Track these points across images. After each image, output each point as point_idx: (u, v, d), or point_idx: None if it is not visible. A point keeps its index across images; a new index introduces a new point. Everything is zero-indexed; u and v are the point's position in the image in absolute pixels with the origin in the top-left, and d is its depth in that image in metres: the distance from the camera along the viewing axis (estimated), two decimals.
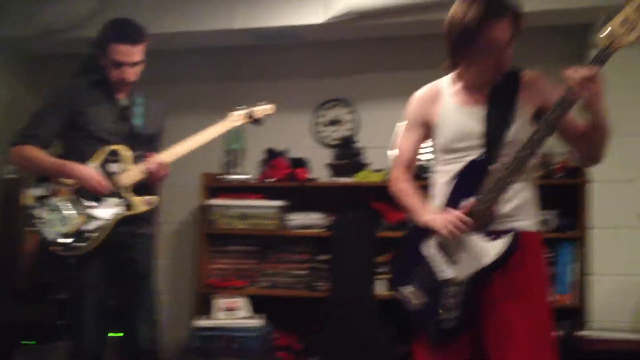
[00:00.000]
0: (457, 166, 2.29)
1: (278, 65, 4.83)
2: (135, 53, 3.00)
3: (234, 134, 4.46)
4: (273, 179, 4.49)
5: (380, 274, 4.20)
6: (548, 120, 2.12)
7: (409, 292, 2.33)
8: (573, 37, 4.21)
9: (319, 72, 4.77)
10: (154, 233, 3.25)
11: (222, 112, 4.62)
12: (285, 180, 4.45)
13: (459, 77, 2.38)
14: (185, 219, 4.84)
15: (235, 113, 3.31)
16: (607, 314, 3.91)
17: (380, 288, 4.18)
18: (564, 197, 4.02)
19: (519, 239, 2.20)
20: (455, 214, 2.21)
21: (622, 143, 3.86)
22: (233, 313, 4.26)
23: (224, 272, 4.51)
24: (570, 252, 3.98)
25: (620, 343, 3.61)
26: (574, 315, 3.91)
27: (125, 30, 3.01)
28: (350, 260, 4.23)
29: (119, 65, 2.99)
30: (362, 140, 4.59)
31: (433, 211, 2.32)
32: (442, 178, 2.35)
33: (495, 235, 2.21)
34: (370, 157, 4.51)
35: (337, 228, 4.32)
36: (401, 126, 4.33)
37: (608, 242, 3.94)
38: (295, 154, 4.59)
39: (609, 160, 2.29)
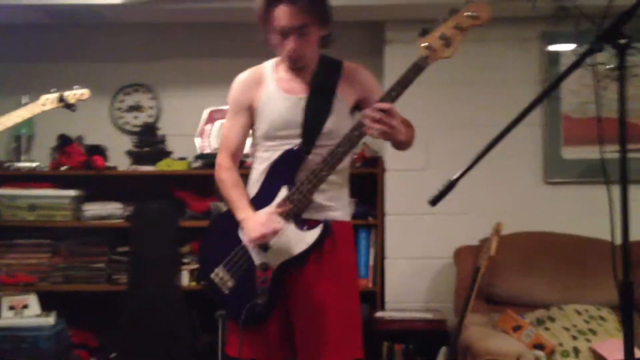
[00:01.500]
0: (276, 154, 2.32)
1: (75, 46, 4.52)
2: None
3: None
4: (66, 167, 4.21)
5: (185, 264, 4.12)
6: (351, 136, 2.19)
7: (219, 278, 2.34)
8: (371, 33, 4.38)
9: (119, 55, 4.54)
10: None
11: (13, 94, 4.30)
12: (80, 169, 4.20)
13: (281, 63, 2.40)
14: None
15: (45, 96, 3.03)
16: (402, 295, 4.16)
17: (185, 279, 4.10)
18: (362, 185, 4.19)
19: (331, 228, 2.27)
20: (267, 221, 2.22)
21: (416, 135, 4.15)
22: (22, 311, 3.95)
23: (10, 268, 4.16)
24: (368, 238, 4.16)
25: (414, 322, 3.84)
26: (373, 297, 4.09)
27: None
28: (152, 251, 4.09)
29: None
30: (165, 128, 4.45)
31: (248, 209, 2.32)
32: (261, 165, 2.38)
33: (308, 225, 2.28)
34: (173, 145, 4.39)
35: (137, 218, 4.15)
36: (207, 113, 4.31)
37: (402, 227, 4.18)
38: (91, 140, 4.35)
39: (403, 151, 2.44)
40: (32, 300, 3.99)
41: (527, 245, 3.85)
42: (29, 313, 3.95)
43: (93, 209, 4.20)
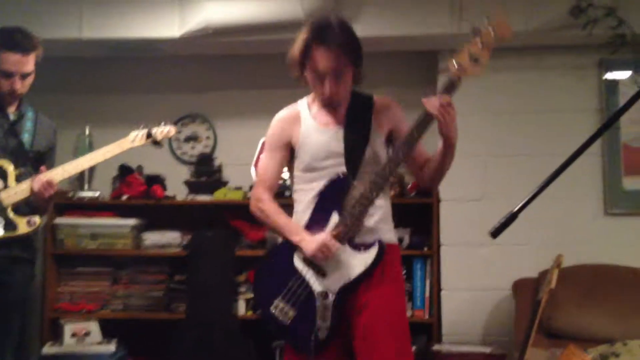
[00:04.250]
0: (320, 183, 2.41)
1: (134, 79, 4.67)
2: (26, 63, 2.82)
3: (83, 149, 4.27)
4: (126, 197, 4.31)
5: (241, 293, 4.15)
6: (409, 138, 2.28)
7: (279, 310, 2.38)
8: (423, 63, 4.39)
9: (176, 87, 4.66)
10: (34, 258, 3.01)
11: (76, 125, 4.44)
12: (140, 198, 4.29)
13: (315, 99, 2.50)
14: None
15: (134, 133, 3.08)
16: (459, 328, 4.10)
17: (241, 307, 4.13)
18: (417, 215, 4.18)
19: (385, 248, 2.35)
20: (325, 239, 2.31)
21: (468, 164, 4.13)
22: (84, 339, 4.03)
23: (73, 295, 4.27)
24: (424, 268, 4.13)
25: (473, 356, 3.77)
26: (430, 329, 4.06)
27: (16, 38, 2.81)
28: (209, 280, 4.14)
29: (9, 75, 2.79)
30: (221, 158, 4.53)
31: (302, 231, 2.40)
32: (306, 196, 2.45)
33: (362, 247, 2.35)
34: (229, 174, 4.46)
35: (194, 247, 4.21)
36: (262, 143, 4.36)
37: (457, 258, 4.14)
38: (150, 170, 4.44)
39: (457, 180, 2.44)
40: (94, 328, 4.08)
41: (588, 278, 3.76)
42: (91, 340, 4.04)
43: (152, 238, 4.29)
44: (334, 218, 2.35)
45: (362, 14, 3.96)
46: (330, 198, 2.38)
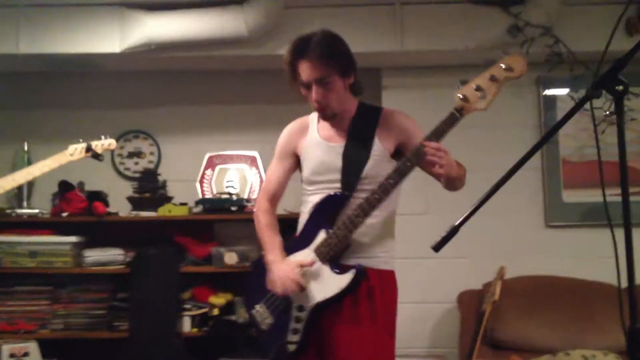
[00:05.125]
0: (317, 197, 2.40)
1: (75, 94, 4.58)
2: None
3: (22, 165, 4.17)
4: (67, 214, 4.22)
5: (186, 310, 4.09)
6: (400, 167, 2.23)
7: (259, 314, 2.43)
8: (367, 79, 4.40)
9: (118, 103, 4.59)
10: None
11: (13, 141, 4.32)
12: (81, 215, 4.20)
13: None
14: None
15: (73, 146, 3.03)
16: (406, 340, 4.11)
17: (186, 324, 4.06)
18: None
19: (365, 274, 2.30)
20: (291, 277, 2.31)
21: (410, 178, 4.16)
22: (22, 359, 3.90)
23: (10, 315, 4.12)
24: None
25: None
26: None
27: None
28: (152, 297, 4.06)
29: None
30: (165, 174, 4.47)
31: (279, 252, 2.42)
32: (306, 208, 2.47)
33: (342, 269, 2.31)
34: (173, 190, 4.41)
35: (138, 264, 4.13)
36: (207, 159, 4.33)
37: (403, 272, 4.14)
38: (91, 186, 4.35)
39: (402, 194, 2.45)
40: (33, 348, 3.94)
41: (530, 289, 3.85)
42: None
43: (94, 255, 4.19)
44: (321, 236, 2.34)
45: (305, 31, 3.98)
46: (323, 214, 2.37)
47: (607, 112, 3.46)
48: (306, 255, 2.36)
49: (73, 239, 4.19)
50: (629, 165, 3.65)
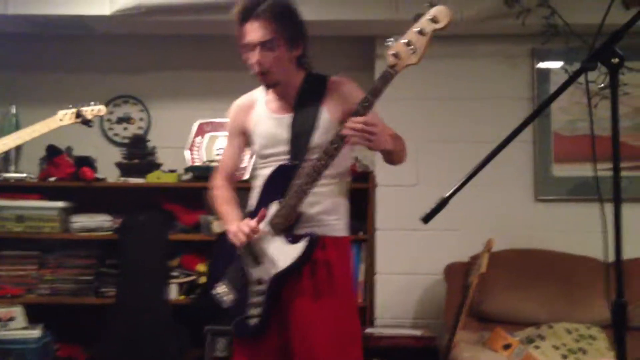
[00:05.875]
0: (268, 170, 2.40)
1: (64, 57, 4.51)
2: None
3: (9, 128, 4.12)
4: (54, 178, 4.18)
5: (174, 277, 4.09)
6: (329, 148, 2.21)
7: (221, 290, 2.41)
8: (361, 48, 4.39)
9: (108, 67, 4.53)
10: None
11: (1, 104, 4.28)
12: (69, 180, 4.16)
13: None
14: None
15: (63, 112, 3.02)
16: (392, 312, 4.15)
17: (173, 292, 4.07)
18: (353, 200, 4.17)
19: (317, 242, 2.30)
20: (244, 225, 2.31)
21: (408, 150, 4.15)
22: (7, 324, 3.90)
23: None
24: (359, 253, 4.15)
25: (404, 339, 3.80)
26: (363, 313, 4.06)
27: None
28: (140, 264, 4.06)
29: None
30: (154, 140, 4.43)
31: (235, 220, 2.41)
32: (258, 182, 2.46)
33: (295, 239, 2.31)
34: (163, 157, 4.37)
35: (126, 230, 4.12)
36: (197, 126, 4.29)
37: (392, 243, 4.17)
38: (80, 151, 4.32)
39: (398, 165, 2.44)
40: (19, 313, 3.94)
41: (518, 263, 3.86)
42: (15, 325, 3.91)
43: (81, 221, 4.17)
44: (274, 207, 2.33)
45: None
46: (275, 186, 2.36)
47: (602, 85, 3.43)
48: (262, 227, 2.36)
49: (60, 204, 4.17)
50: (621, 140, 3.66)
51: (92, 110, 3.14)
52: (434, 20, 2.09)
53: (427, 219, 1.69)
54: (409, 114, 4.23)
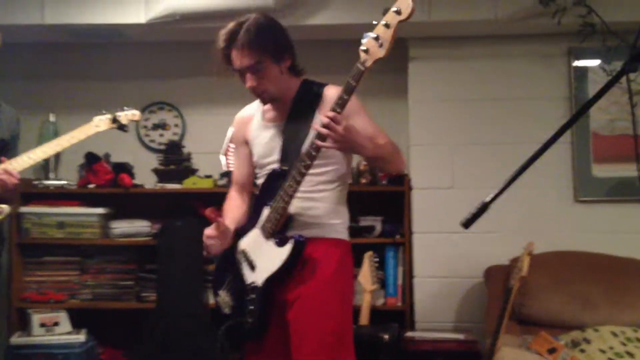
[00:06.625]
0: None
1: (100, 65, 4.57)
2: None
3: (48, 136, 4.19)
4: (93, 185, 4.24)
5: (210, 282, 4.12)
6: (309, 150, 2.22)
7: (222, 299, 2.45)
8: (394, 50, 4.34)
9: (143, 74, 4.58)
10: (2, 248, 3.00)
11: (39, 112, 4.35)
12: (107, 187, 4.22)
13: None
14: None
15: (98, 118, 3.06)
16: (431, 315, 4.12)
17: (211, 297, 4.10)
18: (389, 203, 4.18)
19: (303, 245, 2.30)
20: (206, 233, 2.40)
21: (437, 152, 4.14)
22: (53, 328, 3.97)
23: (40, 285, 4.19)
24: (395, 256, 4.13)
25: (446, 342, 3.77)
26: (402, 316, 4.06)
27: None
28: (178, 269, 4.10)
29: None
30: (190, 146, 4.47)
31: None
32: (257, 192, 2.52)
33: (282, 241, 2.33)
34: (198, 163, 4.41)
35: (164, 236, 4.16)
36: (231, 131, 4.31)
37: (429, 246, 4.14)
38: (117, 158, 4.37)
39: (428, 168, 2.40)
40: (63, 318, 4.02)
41: (559, 265, 3.79)
42: (60, 330, 3.98)
43: (121, 227, 4.23)
44: (265, 212, 2.37)
45: (331, 2, 3.94)
46: (267, 192, 2.40)
47: None
48: (255, 234, 2.40)
49: (100, 210, 4.23)
50: None
51: (127, 115, 3.19)
52: (397, 12, 2.06)
53: (467, 224, 1.66)
54: (444, 116, 4.21)
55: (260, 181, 2.49)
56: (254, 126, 2.52)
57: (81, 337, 3.97)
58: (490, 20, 3.90)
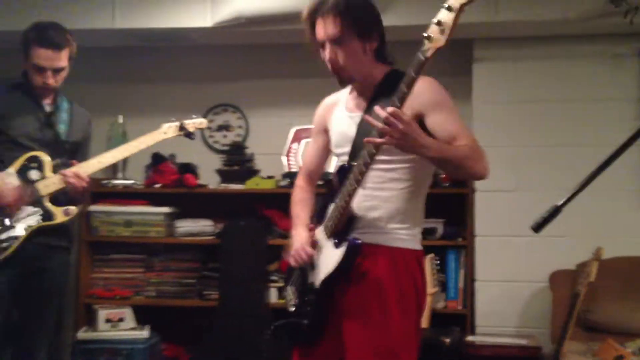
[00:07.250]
0: None
1: (167, 68, 4.68)
2: (59, 59, 2.85)
3: (116, 137, 4.31)
4: (159, 185, 4.34)
5: (272, 282, 4.16)
6: (370, 148, 2.02)
7: (288, 294, 2.38)
8: (459, 51, 4.32)
9: (208, 76, 4.66)
10: (71, 246, 3.07)
11: (108, 114, 4.48)
12: (173, 187, 4.31)
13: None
14: None
15: (167, 125, 3.16)
16: (493, 319, 4.06)
17: (273, 296, 4.14)
18: (451, 205, 4.14)
19: (358, 249, 2.13)
20: (302, 251, 2.23)
21: (501, 154, 4.07)
22: (118, 324, 4.08)
23: (107, 282, 4.32)
24: (457, 259, 4.09)
25: (508, 348, 3.71)
26: (463, 320, 4.02)
27: (48, 35, 2.84)
28: (241, 269, 4.15)
29: (41, 70, 2.84)
30: (252, 147, 4.53)
31: (300, 227, 2.35)
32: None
33: (338, 243, 2.17)
34: (261, 163, 4.46)
35: (227, 235, 4.23)
36: (293, 132, 4.36)
37: (492, 249, 4.09)
38: (182, 158, 4.46)
39: (493, 170, 2.33)
40: (128, 314, 4.12)
41: (627, 271, 3.70)
42: (125, 326, 4.09)
43: (185, 226, 4.31)
44: (330, 209, 2.22)
45: (395, 2, 3.92)
46: (334, 188, 2.23)
47: None
48: (319, 231, 2.27)
49: (166, 209, 4.33)
50: None
51: (194, 123, 3.27)
52: None
53: (538, 227, 1.62)
54: (508, 118, 4.15)
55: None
56: (336, 114, 2.34)
57: (145, 333, 4.07)
58: (559, 20, 3.81)
